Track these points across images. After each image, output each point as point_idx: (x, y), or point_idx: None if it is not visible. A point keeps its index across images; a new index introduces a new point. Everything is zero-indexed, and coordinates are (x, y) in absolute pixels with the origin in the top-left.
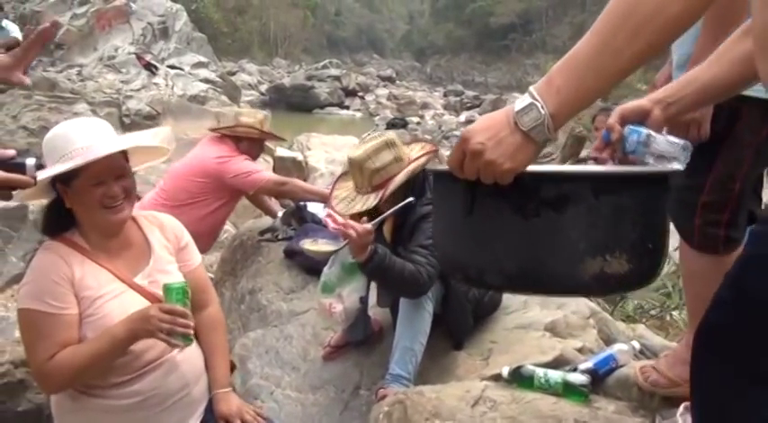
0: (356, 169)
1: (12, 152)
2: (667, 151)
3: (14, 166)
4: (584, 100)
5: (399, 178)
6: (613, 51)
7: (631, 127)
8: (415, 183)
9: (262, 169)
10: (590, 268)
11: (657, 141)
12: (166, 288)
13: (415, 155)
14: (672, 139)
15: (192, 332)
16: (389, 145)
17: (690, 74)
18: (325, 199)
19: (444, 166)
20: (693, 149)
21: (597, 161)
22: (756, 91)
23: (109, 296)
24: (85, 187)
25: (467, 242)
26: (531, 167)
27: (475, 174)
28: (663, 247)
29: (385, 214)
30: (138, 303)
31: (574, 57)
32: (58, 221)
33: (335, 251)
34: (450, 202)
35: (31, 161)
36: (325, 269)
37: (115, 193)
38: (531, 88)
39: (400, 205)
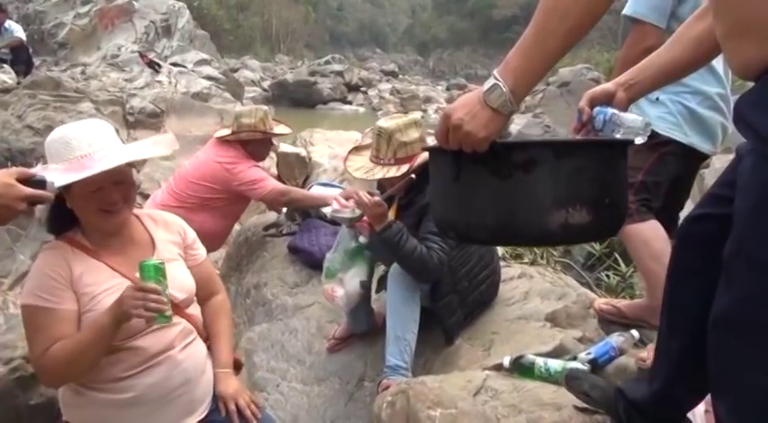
0: (384, 139)
1: (33, 171)
2: (630, 127)
3: (36, 183)
4: (535, 75)
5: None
6: (549, 33)
7: (599, 108)
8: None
9: (266, 178)
10: (556, 219)
11: (621, 119)
12: (141, 266)
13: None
14: (633, 116)
15: (167, 309)
16: (417, 124)
17: (649, 58)
18: (327, 203)
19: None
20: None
21: None
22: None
23: (110, 291)
24: (84, 193)
25: (456, 203)
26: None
27: (458, 144)
28: (622, 201)
29: (392, 189)
30: None
31: (522, 41)
32: (61, 221)
33: (358, 217)
34: (441, 171)
35: (50, 178)
36: (328, 255)
37: (114, 200)
38: (495, 71)
39: (404, 181)
